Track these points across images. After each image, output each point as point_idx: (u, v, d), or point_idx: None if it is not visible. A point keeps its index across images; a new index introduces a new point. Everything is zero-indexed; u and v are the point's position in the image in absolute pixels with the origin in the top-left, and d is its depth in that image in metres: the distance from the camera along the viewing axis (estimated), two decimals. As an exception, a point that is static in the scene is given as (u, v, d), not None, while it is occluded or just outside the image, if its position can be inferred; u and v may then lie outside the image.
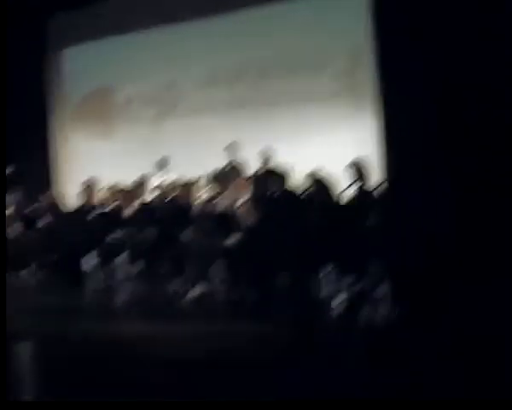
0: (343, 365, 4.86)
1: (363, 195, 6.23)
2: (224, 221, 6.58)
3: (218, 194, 7.14)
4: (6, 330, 5.23)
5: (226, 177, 7.91)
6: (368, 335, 5.41)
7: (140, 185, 8.26)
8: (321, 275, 6.36)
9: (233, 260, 6.49)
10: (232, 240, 6.64)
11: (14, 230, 8.12)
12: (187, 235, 7.16)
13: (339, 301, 6.07)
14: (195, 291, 6.67)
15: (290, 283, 6.19)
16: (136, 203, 7.90)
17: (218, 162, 9.40)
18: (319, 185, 6.24)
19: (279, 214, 6.21)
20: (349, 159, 6.52)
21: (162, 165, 9.91)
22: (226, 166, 9.58)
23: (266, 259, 6.03)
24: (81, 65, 12.55)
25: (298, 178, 7.37)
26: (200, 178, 8.85)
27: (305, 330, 5.37)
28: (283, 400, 4.25)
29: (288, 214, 6.08)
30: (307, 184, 6.48)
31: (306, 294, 5.84)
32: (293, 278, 6.05)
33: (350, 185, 6.32)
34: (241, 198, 6.94)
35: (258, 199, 6.58)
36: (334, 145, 10.04)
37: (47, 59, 12.84)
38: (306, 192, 6.59)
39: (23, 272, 8.27)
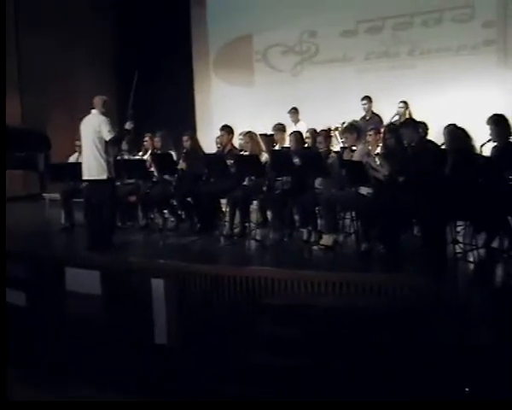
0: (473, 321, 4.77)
1: (503, 151, 5.94)
2: (359, 171, 6.53)
3: (353, 144, 7.07)
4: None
5: (362, 127, 7.80)
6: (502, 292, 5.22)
7: (278, 132, 8.34)
8: (457, 230, 6.21)
9: (365, 211, 6.45)
10: (365, 191, 6.59)
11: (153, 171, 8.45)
12: (320, 184, 7.19)
13: (474, 257, 5.93)
14: (325, 241, 6.70)
15: (424, 236, 6.07)
16: (274, 149, 7.99)
17: (355, 112, 9.33)
18: (458, 137, 6.01)
19: (415, 165, 6.07)
20: (492, 112, 6.22)
21: (297, 113, 9.97)
22: (363, 116, 9.50)
23: (399, 210, 5.94)
24: (223, 13, 12.82)
25: (436, 130, 7.17)
26: (336, 127, 8.84)
27: (438, 284, 5.24)
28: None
29: (424, 166, 5.93)
30: (445, 136, 6.27)
31: (440, 247, 5.70)
32: (426, 232, 5.93)
33: (490, 140, 6.05)
34: (377, 149, 6.85)
35: (395, 150, 6.45)
36: (477, 97, 9.69)
37: (190, 7, 13.23)
38: (444, 144, 6.40)
39: (161, 214, 8.63)
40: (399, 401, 4.43)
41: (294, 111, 9.95)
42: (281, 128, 8.39)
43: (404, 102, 9.23)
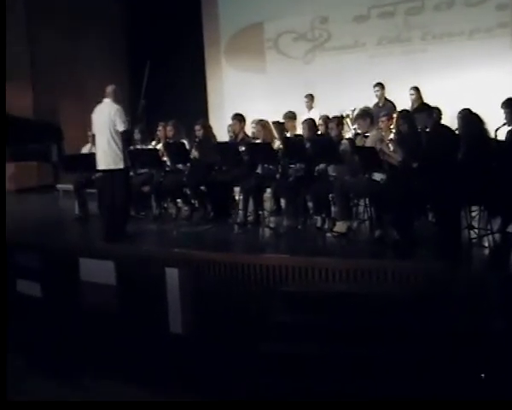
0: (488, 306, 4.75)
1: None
2: (372, 158, 6.48)
3: (366, 130, 7.02)
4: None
5: (375, 113, 7.75)
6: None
7: (288, 120, 8.30)
8: (472, 215, 6.16)
9: (378, 197, 6.41)
10: (379, 177, 6.55)
11: (166, 161, 8.45)
12: (333, 170, 7.16)
13: (489, 242, 5.88)
14: (339, 228, 6.67)
15: (438, 221, 6.03)
16: (287, 137, 7.95)
17: (367, 99, 9.27)
18: (472, 122, 5.95)
19: (428, 151, 6.02)
20: (506, 95, 6.16)
21: (313, 99, 9.95)
22: (376, 103, 9.43)
23: (413, 196, 5.90)
24: (234, 0, 12.77)
25: (450, 115, 7.11)
26: (347, 114, 8.78)
27: (453, 270, 5.20)
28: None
29: (438, 151, 5.88)
30: (459, 121, 6.21)
31: (454, 233, 5.67)
32: (441, 217, 5.89)
33: (504, 124, 5.99)
34: (390, 135, 6.80)
35: (408, 135, 6.40)
36: (491, 80, 9.60)
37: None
38: (458, 129, 6.34)
39: (174, 203, 8.63)
40: (411, 390, 4.42)
41: (311, 97, 9.99)
42: (291, 116, 8.35)
43: (416, 89, 9.15)
